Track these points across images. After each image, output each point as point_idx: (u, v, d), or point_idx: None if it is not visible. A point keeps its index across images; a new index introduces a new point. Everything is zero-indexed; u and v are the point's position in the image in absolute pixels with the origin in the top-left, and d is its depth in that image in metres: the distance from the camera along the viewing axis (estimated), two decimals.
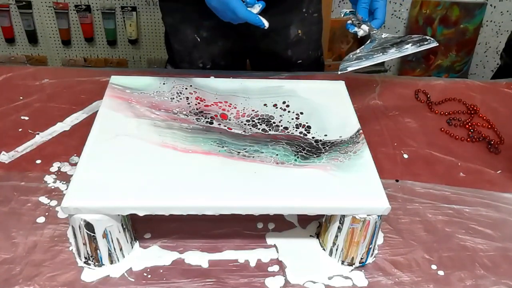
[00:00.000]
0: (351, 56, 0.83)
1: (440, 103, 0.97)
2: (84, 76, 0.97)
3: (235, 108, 0.75)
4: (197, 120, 0.71)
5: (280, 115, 0.73)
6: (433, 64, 2.29)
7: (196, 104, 0.75)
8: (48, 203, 0.69)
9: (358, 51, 0.84)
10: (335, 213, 0.61)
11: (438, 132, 0.90)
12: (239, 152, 0.65)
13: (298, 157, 0.65)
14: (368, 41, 0.86)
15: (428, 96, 0.98)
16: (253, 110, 0.74)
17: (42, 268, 0.60)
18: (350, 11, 0.87)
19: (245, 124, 0.71)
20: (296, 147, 0.67)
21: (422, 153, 0.84)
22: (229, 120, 0.72)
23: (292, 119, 0.73)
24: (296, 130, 0.71)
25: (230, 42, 1.07)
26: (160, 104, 0.74)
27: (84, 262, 0.61)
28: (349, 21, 0.86)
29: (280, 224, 0.68)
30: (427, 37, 0.86)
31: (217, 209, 0.59)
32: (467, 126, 0.90)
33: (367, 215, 0.59)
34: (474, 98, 0.98)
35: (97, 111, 0.72)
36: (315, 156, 0.65)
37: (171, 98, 0.76)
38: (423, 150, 0.84)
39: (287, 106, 0.76)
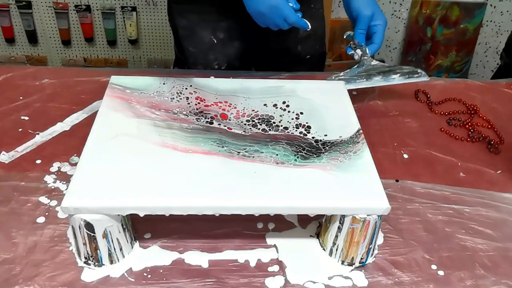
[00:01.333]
0: (333, 77, 0.85)
1: (440, 103, 0.97)
2: (84, 76, 0.98)
3: (235, 108, 0.75)
4: (197, 120, 0.71)
5: (280, 115, 0.73)
6: (433, 64, 2.29)
7: (196, 104, 0.75)
8: (48, 203, 0.69)
9: (341, 74, 0.86)
10: (335, 213, 0.61)
11: (438, 132, 0.90)
12: (239, 152, 0.65)
13: (298, 157, 0.65)
14: (356, 66, 0.87)
15: (428, 96, 0.98)
16: (253, 110, 0.74)
17: (42, 268, 0.60)
18: (352, 35, 0.89)
19: (245, 124, 0.71)
20: (296, 147, 0.67)
21: (422, 153, 0.84)
22: (229, 120, 0.72)
23: (292, 119, 0.73)
24: (296, 130, 0.71)
25: (245, 42, 1.07)
26: (160, 104, 0.74)
27: (84, 262, 0.61)
28: (349, 45, 0.88)
29: (280, 224, 0.68)
30: (418, 70, 0.87)
31: (217, 209, 0.59)
32: (467, 126, 0.91)
33: (367, 215, 0.59)
34: (474, 98, 0.98)
35: (97, 111, 0.72)
36: (315, 156, 0.65)
37: (171, 98, 0.76)
38: (423, 150, 0.84)
39: (287, 106, 0.76)
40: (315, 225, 0.68)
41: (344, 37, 0.93)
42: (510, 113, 0.96)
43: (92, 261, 0.61)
